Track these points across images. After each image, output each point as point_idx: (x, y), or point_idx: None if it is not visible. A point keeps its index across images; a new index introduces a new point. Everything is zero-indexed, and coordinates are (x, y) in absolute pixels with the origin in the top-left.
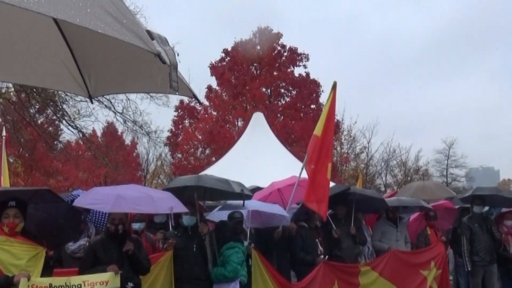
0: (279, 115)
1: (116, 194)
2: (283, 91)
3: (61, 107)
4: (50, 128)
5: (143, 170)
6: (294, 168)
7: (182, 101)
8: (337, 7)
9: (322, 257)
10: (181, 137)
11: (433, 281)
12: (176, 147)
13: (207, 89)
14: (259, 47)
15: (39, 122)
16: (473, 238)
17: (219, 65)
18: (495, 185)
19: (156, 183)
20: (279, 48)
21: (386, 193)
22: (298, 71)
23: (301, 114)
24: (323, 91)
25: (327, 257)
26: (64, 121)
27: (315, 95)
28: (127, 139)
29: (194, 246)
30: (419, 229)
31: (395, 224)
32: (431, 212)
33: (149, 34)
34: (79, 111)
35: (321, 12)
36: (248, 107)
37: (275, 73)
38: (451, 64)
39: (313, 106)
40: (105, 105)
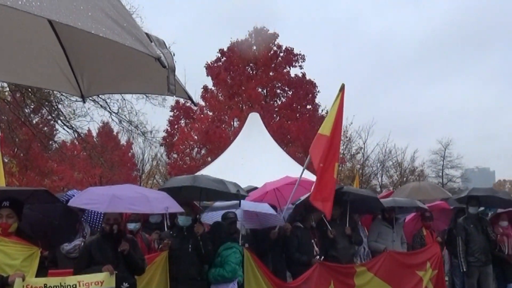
0: (275, 116)
1: (111, 194)
2: (279, 91)
3: (56, 107)
4: (45, 128)
5: (139, 170)
6: (290, 168)
7: (178, 101)
8: (336, 7)
9: (317, 257)
10: (176, 137)
11: (428, 282)
12: (171, 147)
13: (203, 89)
14: (255, 47)
15: (34, 122)
16: (468, 239)
17: (215, 65)
18: (491, 186)
19: (151, 183)
20: (275, 48)
21: (382, 193)
22: (294, 71)
23: (297, 114)
24: (319, 91)
25: (322, 257)
26: (59, 121)
27: (311, 95)
28: (123, 139)
29: (189, 246)
30: (414, 230)
31: (391, 224)
32: (427, 212)
33: (147, 37)
34: (75, 111)
35: (320, 12)
36: (244, 107)
37: (271, 74)
38: (448, 65)
39: (309, 106)
40: (101, 105)
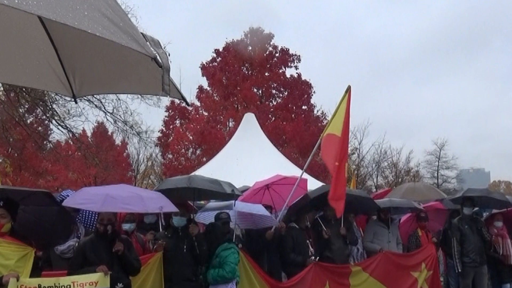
0: (270, 116)
1: (105, 193)
2: (274, 92)
3: (50, 107)
4: (39, 127)
5: (134, 170)
6: (285, 168)
7: (173, 102)
8: (331, 8)
9: (313, 258)
10: (172, 138)
11: (424, 283)
12: (167, 147)
13: (198, 90)
14: (250, 48)
15: (29, 121)
16: (463, 239)
17: (211, 65)
18: (486, 186)
19: (146, 183)
20: (271, 49)
21: (379, 190)
22: (289, 72)
23: (293, 115)
24: (314, 92)
25: (318, 258)
26: (53, 121)
27: (306, 96)
28: (118, 139)
29: (184, 247)
30: (410, 230)
31: (386, 225)
32: (422, 213)
33: (143, 36)
34: (69, 111)
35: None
36: (239, 108)
37: (266, 74)
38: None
39: (304, 107)
40: (95, 105)
